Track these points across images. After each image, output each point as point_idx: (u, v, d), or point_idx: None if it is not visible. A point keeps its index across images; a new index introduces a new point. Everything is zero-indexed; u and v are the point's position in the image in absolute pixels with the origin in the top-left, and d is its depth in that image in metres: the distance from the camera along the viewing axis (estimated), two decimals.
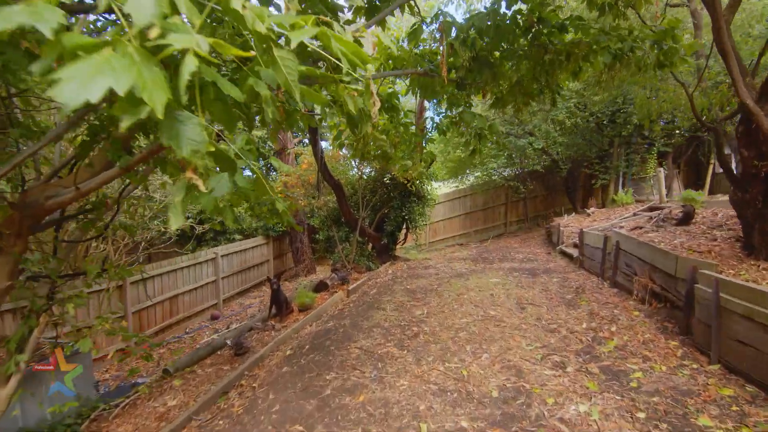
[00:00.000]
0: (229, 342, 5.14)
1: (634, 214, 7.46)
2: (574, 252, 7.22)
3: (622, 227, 6.11)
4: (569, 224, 8.78)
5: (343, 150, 8.93)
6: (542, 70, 3.91)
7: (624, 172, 10.70)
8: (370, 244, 9.71)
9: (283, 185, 7.96)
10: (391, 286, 6.85)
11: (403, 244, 10.32)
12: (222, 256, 11.13)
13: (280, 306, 6.36)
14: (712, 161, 11.31)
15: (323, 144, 10.10)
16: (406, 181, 8.71)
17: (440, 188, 21.35)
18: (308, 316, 5.81)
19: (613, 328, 4.03)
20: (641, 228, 5.57)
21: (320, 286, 8.02)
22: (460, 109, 4.25)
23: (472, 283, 6.40)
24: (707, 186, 11.29)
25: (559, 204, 13.86)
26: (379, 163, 6.84)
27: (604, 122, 9.87)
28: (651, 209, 7.32)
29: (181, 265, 9.78)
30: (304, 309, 6.40)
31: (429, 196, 9.56)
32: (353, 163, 8.87)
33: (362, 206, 9.12)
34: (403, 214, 9.22)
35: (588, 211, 9.29)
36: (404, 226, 9.75)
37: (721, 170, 11.93)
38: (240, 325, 6.53)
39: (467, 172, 15.60)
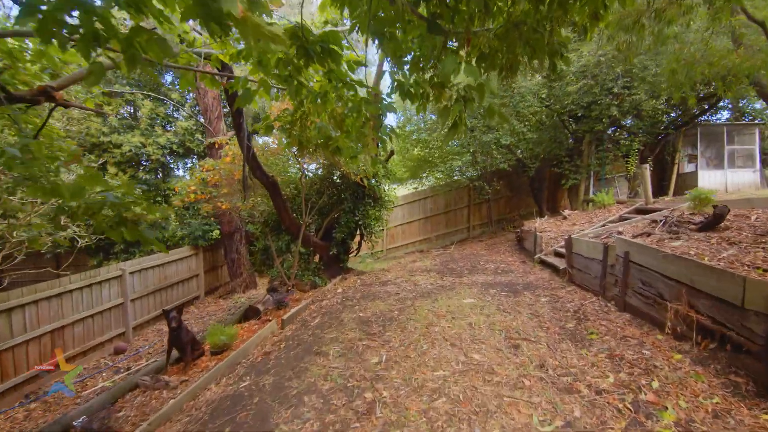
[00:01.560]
0: (78, 425, 3.29)
1: (621, 218, 6.50)
2: (559, 262, 6.10)
3: (621, 233, 5.02)
4: (546, 229, 7.72)
5: (273, 140, 7.22)
6: (549, 9, 2.58)
7: (596, 171, 9.95)
8: (317, 255, 8.07)
9: (201, 182, 6.14)
10: (339, 312, 5.29)
11: (356, 254, 8.80)
12: (132, 272, 8.96)
13: (183, 349, 4.57)
14: (677, 161, 10.93)
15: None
16: (359, 180, 7.20)
17: (398, 189, 20.12)
18: (219, 365, 4.09)
19: (655, 384, 2.76)
20: (650, 234, 4.48)
21: (250, 313, 6.27)
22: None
23: (442, 306, 5.01)
24: (672, 186, 10.89)
25: (524, 206, 13.03)
26: (326, 156, 5.29)
27: (579, 114, 9.01)
28: (639, 211, 6.38)
29: (70, 288, 7.56)
30: (219, 351, 4.66)
31: (386, 198, 8.13)
32: (298, 157, 7.20)
33: (306, 210, 7.48)
34: (356, 218, 7.70)
35: (564, 213, 8.33)
36: (357, 233, 8.23)
37: (688, 170, 11.72)
38: (113, 388, 4.50)
39: (424, 174, 14.43)
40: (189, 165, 12.34)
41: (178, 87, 12.72)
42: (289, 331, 4.91)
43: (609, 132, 9.70)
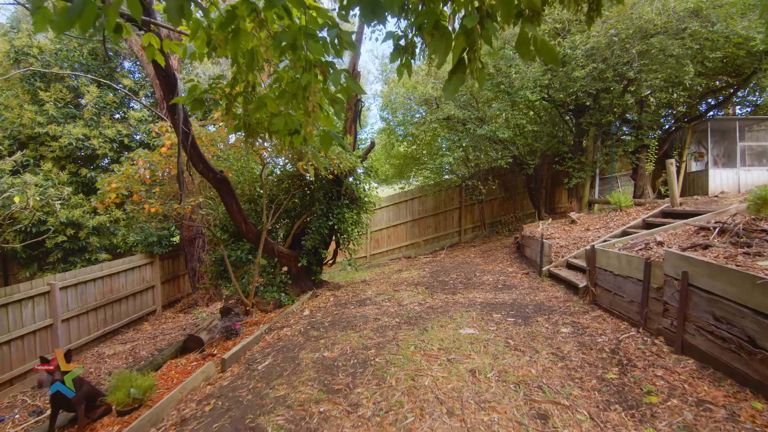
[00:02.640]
0: None
1: (646, 223, 5.43)
2: (575, 278, 4.98)
3: (662, 244, 3.91)
4: (553, 235, 6.62)
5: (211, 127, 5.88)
6: None
7: (602, 167, 8.92)
8: (285, 267, 6.80)
9: (130, 179, 4.80)
10: (299, 348, 4.05)
11: (332, 263, 7.55)
12: (65, 287, 7.56)
13: (73, 409, 3.26)
14: (686, 158, 10.01)
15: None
16: (331, 176, 5.96)
17: (381, 190, 18.96)
18: None
19: None
20: (707, 247, 3.37)
21: (190, 344, 4.97)
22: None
23: (434, 340, 3.82)
24: (680, 185, 9.95)
25: (520, 208, 11.97)
26: (278, 143, 4.05)
27: (586, 104, 7.95)
28: (667, 215, 5.32)
29: None
30: (127, 411, 3.36)
31: (367, 199, 6.91)
32: (250, 146, 5.89)
33: (269, 214, 6.19)
34: (331, 223, 6.46)
35: (571, 216, 7.24)
36: (333, 240, 6.99)
37: (696, 169, 10.84)
38: None
39: (411, 174, 13.28)
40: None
41: (133, 74, 11.26)
42: (227, 378, 3.63)
43: (617, 125, 8.68)
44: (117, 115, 10.54)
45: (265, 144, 5.48)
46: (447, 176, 11.98)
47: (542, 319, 4.20)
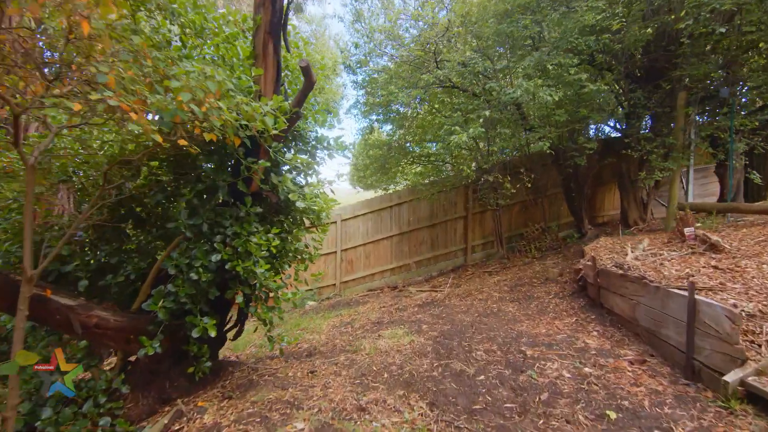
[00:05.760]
0: None
1: None
2: None
3: None
4: (695, 280, 3.13)
5: None
6: None
7: (729, 155, 5.53)
8: (120, 352, 3.15)
9: None
10: None
11: (234, 339, 3.91)
12: None
13: None
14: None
15: None
16: (216, 139, 2.42)
17: (359, 193, 15.34)
18: None
19: None
20: None
21: None
22: None
23: None
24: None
25: (550, 216, 8.56)
26: None
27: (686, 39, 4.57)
28: None
29: None
30: None
31: (305, 205, 3.31)
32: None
33: (46, 238, 2.58)
34: (218, 258, 2.87)
35: (711, 238, 3.73)
36: (236, 292, 3.35)
37: None
38: None
39: (399, 169, 9.81)
40: None
41: None
42: None
43: (726, 89, 5.33)
44: None
45: None
46: (448, 164, 8.52)
47: None
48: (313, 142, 3.53)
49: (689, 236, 4.19)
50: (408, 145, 8.98)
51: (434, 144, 8.06)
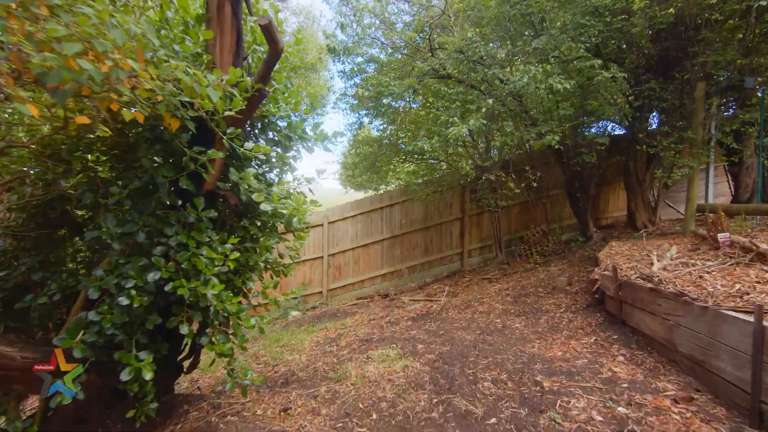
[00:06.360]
0: None
1: None
2: None
3: None
4: (737, 293, 2.59)
5: None
6: None
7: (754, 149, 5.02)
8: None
9: None
10: None
11: (188, 372, 3.26)
12: None
13: None
14: None
15: None
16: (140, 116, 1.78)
17: (348, 194, 14.73)
18: None
19: None
20: None
21: None
22: None
23: None
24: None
25: (552, 218, 8.02)
26: None
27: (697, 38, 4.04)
28: None
29: None
30: None
31: (271, 208, 2.69)
32: None
33: None
34: (157, 277, 2.23)
35: (759, 247, 3.20)
36: (181, 321, 2.69)
37: None
38: None
39: (390, 168, 9.23)
40: None
41: None
42: None
43: (751, 77, 4.84)
44: None
45: None
46: (440, 169, 7.95)
47: None
48: (285, 131, 2.89)
49: (724, 242, 3.66)
50: (401, 143, 8.37)
51: (428, 140, 7.48)
